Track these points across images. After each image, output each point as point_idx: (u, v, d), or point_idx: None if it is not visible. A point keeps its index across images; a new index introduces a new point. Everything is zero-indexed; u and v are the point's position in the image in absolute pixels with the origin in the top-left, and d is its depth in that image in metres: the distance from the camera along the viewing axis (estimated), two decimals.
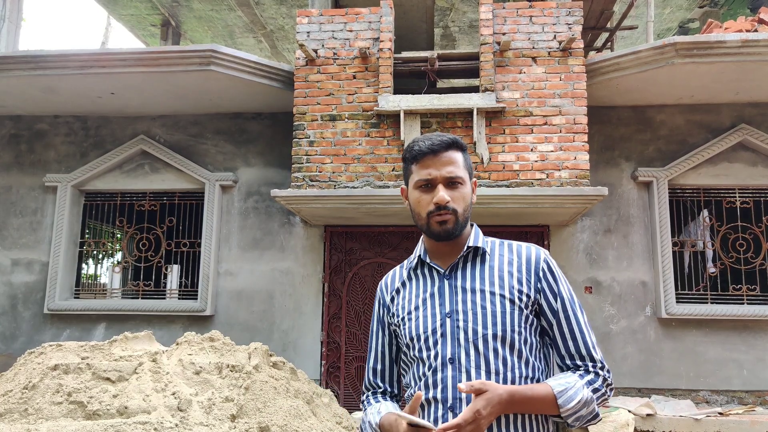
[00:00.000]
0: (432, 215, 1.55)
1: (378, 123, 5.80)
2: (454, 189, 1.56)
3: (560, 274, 1.60)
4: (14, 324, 6.94)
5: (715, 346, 6.22)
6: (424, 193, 1.57)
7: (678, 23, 10.40)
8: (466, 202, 1.58)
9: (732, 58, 5.51)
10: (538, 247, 1.63)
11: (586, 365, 1.52)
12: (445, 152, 1.57)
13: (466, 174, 1.60)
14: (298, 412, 3.54)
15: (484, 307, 1.52)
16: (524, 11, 5.84)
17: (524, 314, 1.53)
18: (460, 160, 1.58)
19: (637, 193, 6.55)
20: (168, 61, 5.95)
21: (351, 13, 6.03)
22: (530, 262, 1.58)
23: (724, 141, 6.42)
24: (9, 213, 7.14)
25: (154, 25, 10.71)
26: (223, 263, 6.83)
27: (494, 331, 1.50)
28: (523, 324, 1.52)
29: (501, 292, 1.53)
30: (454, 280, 1.58)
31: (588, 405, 1.45)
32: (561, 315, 1.55)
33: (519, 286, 1.55)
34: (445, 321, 1.54)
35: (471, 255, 1.61)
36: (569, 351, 1.54)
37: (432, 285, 1.61)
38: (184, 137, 7.09)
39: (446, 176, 1.55)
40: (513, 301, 1.52)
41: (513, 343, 1.50)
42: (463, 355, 1.50)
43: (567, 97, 5.66)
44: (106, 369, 3.40)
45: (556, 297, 1.56)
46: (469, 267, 1.59)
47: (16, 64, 6.07)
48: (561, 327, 1.55)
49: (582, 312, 1.58)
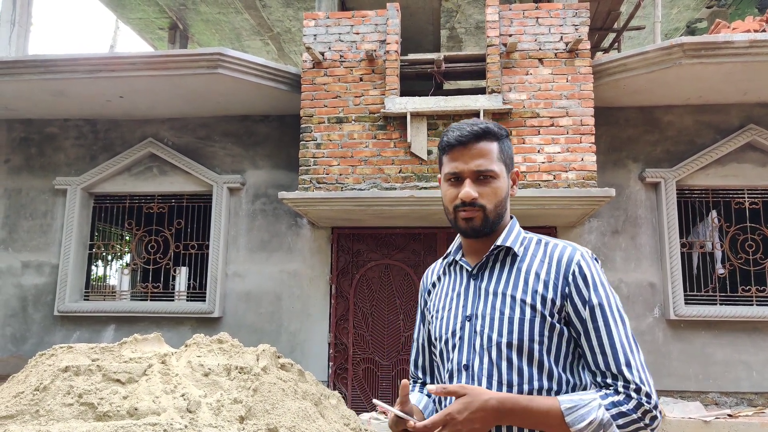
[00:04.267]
0: (458, 210, 1.45)
1: (385, 125, 5.81)
2: (484, 184, 1.43)
3: (597, 278, 1.39)
4: (25, 326, 7.00)
5: (724, 347, 6.19)
6: (452, 187, 1.47)
7: (685, 23, 10.35)
8: (498, 198, 1.44)
9: (740, 58, 5.48)
10: (575, 247, 1.44)
11: (616, 385, 1.30)
12: (475, 144, 1.44)
13: (500, 166, 1.45)
14: (306, 413, 3.55)
15: (502, 313, 1.39)
16: (531, 13, 5.83)
17: (548, 322, 1.36)
18: (493, 152, 1.45)
19: (645, 194, 6.53)
20: (176, 64, 5.99)
21: (357, 16, 6.05)
22: (560, 263, 1.40)
23: (732, 141, 6.39)
24: (19, 216, 7.20)
25: (162, 29, 10.78)
26: (231, 265, 6.87)
27: (509, 339, 1.37)
28: (546, 333, 1.36)
29: (523, 297, 1.39)
30: (480, 280, 1.47)
31: (604, 428, 1.24)
32: (590, 325, 1.35)
33: (544, 291, 1.38)
34: (465, 324, 1.44)
35: (502, 254, 1.48)
36: (598, 367, 1.33)
37: (460, 284, 1.51)
38: (192, 140, 7.13)
39: (474, 170, 1.43)
40: (535, 307, 1.37)
41: (531, 353, 1.36)
42: (477, 362, 1.39)
43: (574, 98, 5.66)
44: (116, 371, 3.43)
45: (585, 304, 1.36)
46: (498, 267, 1.46)
47: (27, 69, 6.13)
48: (589, 338, 1.35)
49: (623, 324, 1.36)
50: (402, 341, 6.53)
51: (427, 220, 6.22)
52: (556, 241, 1.47)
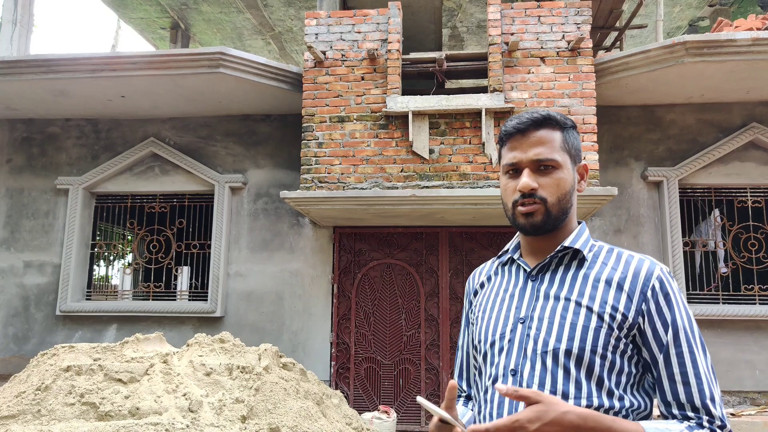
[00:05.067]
0: (516, 205, 1.32)
1: (386, 124, 5.80)
2: (546, 174, 1.31)
3: (678, 297, 1.26)
4: (27, 325, 7.01)
5: (727, 346, 6.17)
6: (510, 180, 1.35)
7: (688, 22, 10.33)
8: (561, 190, 1.31)
9: (742, 56, 5.47)
10: (654, 262, 1.30)
11: (699, 418, 1.18)
12: (535, 131, 1.32)
13: (564, 156, 1.33)
14: (308, 413, 3.55)
15: (563, 317, 1.26)
16: (532, 11, 5.82)
17: (614, 335, 1.22)
18: (555, 140, 1.32)
19: (647, 192, 6.52)
20: (177, 63, 5.99)
21: (359, 15, 6.04)
22: (638, 276, 1.26)
23: (735, 140, 6.37)
24: (21, 215, 7.21)
25: (164, 28, 10.78)
26: (233, 264, 6.87)
27: (568, 346, 1.23)
28: (610, 347, 1.22)
29: (589, 304, 1.25)
30: (539, 282, 1.34)
31: None
32: (672, 351, 1.22)
33: (614, 302, 1.24)
34: (517, 326, 1.31)
35: (568, 258, 1.35)
36: (678, 398, 1.20)
37: (515, 285, 1.38)
38: (193, 139, 7.13)
39: (533, 159, 1.31)
40: (602, 317, 1.23)
41: (591, 367, 1.22)
42: (528, 367, 1.26)
43: (576, 97, 5.64)
44: (118, 370, 3.43)
45: (667, 327, 1.22)
46: (561, 270, 1.33)
47: (28, 68, 6.13)
48: (670, 366, 1.21)
49: (704, 352, 1.23)
50: (404, 340, 6.53)
51: (429, 219, 6.21)
52: (631, 252, 1.34)
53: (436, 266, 6.60)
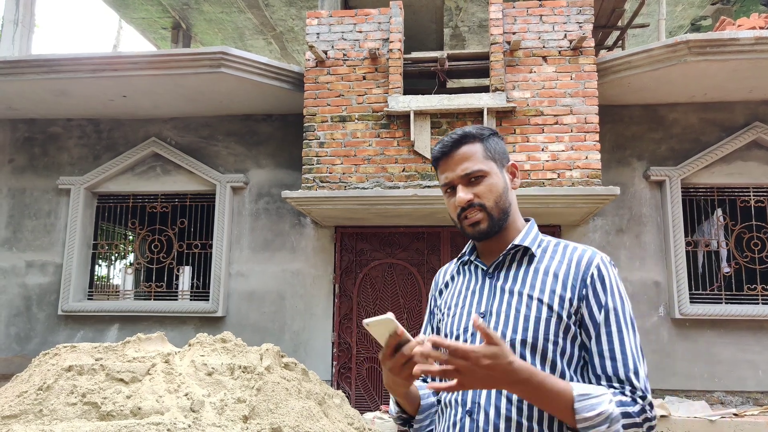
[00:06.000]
0: (461, 218, 1.48)
1: (388, 124, 5.80)
2: (477, 184, 1.46)
3: (614, 283, 1.40)
4: (29, 325, 7.01)
5: (729, 346, 6.16)
6: (450, 197, 1.50)
7: (690, 21, 10.30)
8: (495, 194, 1.46)
9: (745, 55, 5.45)
10: (594, 251, 1.45)
11: (623, 389, 1.31)
12: (458, 149, 1.48)
13: (489, 164, 1.47)
14: (310, 413, 3.54)
15: (518, 311, 1.40)
16: (534, 10, 5.81)
17: (564, 323, 1.37)
18: (477, 152, 1.47)
19: (650, 192, 6.50)
20: (179, 63, 5.98)
21: (360, 14, 6.04)
22: (579, 265, 1.41)
23: (737, 139, 6.36)
24: (23, 215, 7.21)
25: (165, 28, 10.78)
26: (235, 264, 6.86)
27: (524, 336, 1.37)
28: (561, 334, 1.37)
29: (540, 296, 1.40)
30: (496, 279, 1.48)
31: (611, 423, 1.24)
32: (603, 329, 1.36)
33: (562, 292, 1.39)
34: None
35: (518, 254, 1.49)
36: (605, 371, 1.34)
37: (475, 283, 1.52)
38: (195, 139, 7.13)
39: (461, 174, 1.46)
40: (552, 307, 1.38)
41: (545, 353, 1.36)
42: None
43: (578, 96, 5.63)
44: (120, 370, 3.42)
45: (601, 308, 1.37)
46: (514, 267, 1.48)
47: (30, 68, 6.13)
48: (600, 342, 1.36)
49: (633, 332, 1.38)
50: None
51: (431, 218, 6.20)
52: (575, 245, 1.48)
53: (437, 266, 6.59)
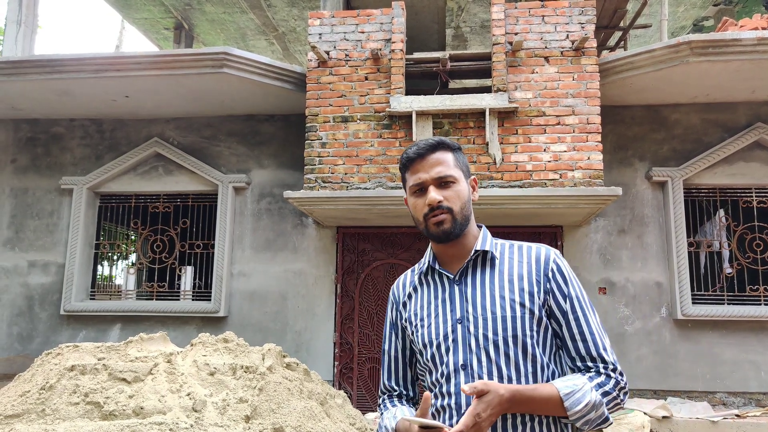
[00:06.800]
0: (428, 217, 1.54)
1: (390, 124, 5.80)
2: (447, 188, 1.55)
3: (570, 274, 1.57)
4: (31, 325, 7.02)
5: (731, 347, 6.15)
6: (418, 198, 1.57)
7: (692, 21, 10.29)
8: (462, 200, 1.55)
9: (747, 56, 5.44)
10: (547, 248, 1.60)
11: (597, 367, 1.48)
12: (432, 154, 1.57)
13: (458, 172, 1.58)
14: (312, 413, 3.55)
15: (494, 313, 1.50)
16: (536, 11, 5.81)
17: (536, 317, 1.50)
18: (449, 160, 1.58)
19: (652, 193, 6.50)
20: (181, 64, 5.99)
21: (362, 15, 6.04)
22: (539, 262, 1.55)
23: (740, 140, 6.35)
24: (26, 215, 7.23)
25: (167, 29, 10.79)
26: (237, 264, 6.87)
27: (504, 335, 1.48)
28: (535, 327, 1.50)
29: (511, 296, 1.51)
30: (464, 286, 1.57)
31: (597, 408, 1.41)
32: (570, 316, 1.51)
33: (529, 288, 1.52)
34: (456, 327, 1.53)
35: (480, 259, 1.59)
36: (579, 352, 1.50)
37: (443, 291, 1.60)
38: (197, 139, 7.14)
39: (435, 177, 1.55)
40: (524, 304, 1.50)
41: (525, 348, 1.48)
42: (475, 361, 1.49)
43: (580, 96, 5.63)
44: (122, 370, 3.43)
45: (565, 298, 1.53)
46: (479, 272, 1.58)
47: (33, 68, 6.14)
48: (570, 328, 1.51)
49: (594, 313, 1.54)
50: None
51: None
52: (528, 244, 1.62)
53: None
